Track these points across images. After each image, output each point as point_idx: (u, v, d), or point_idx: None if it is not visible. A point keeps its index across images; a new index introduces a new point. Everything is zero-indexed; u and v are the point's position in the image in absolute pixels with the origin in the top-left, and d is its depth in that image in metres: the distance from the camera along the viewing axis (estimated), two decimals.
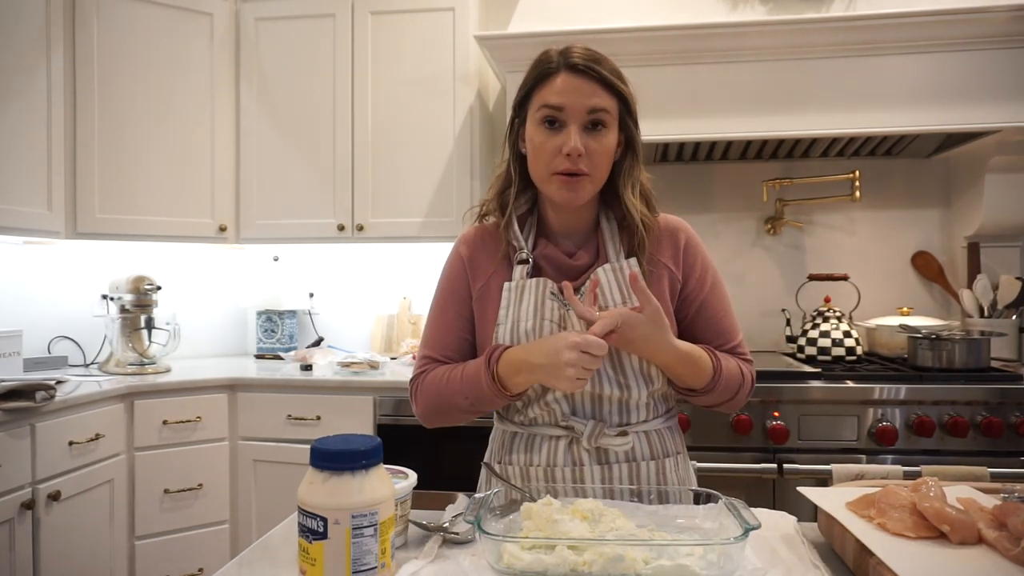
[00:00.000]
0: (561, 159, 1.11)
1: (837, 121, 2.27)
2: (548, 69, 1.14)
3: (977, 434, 1.99)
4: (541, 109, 1.13)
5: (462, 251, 1.27)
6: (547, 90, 1.13)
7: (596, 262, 1.20)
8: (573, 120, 1.11)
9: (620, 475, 1.14)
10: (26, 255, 2.69)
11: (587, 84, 1.11)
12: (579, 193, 1.14)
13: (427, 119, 2.71)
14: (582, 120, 1.11)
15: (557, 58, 1.14)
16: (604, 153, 1.14)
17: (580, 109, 1.11)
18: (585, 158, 1.11)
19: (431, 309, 1.28)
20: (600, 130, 1.13)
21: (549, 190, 1.16)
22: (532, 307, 1.16)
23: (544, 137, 1.13)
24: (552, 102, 1.11)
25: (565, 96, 1.11)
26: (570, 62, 1.12)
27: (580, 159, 1.11)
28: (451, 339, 1.24)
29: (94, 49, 2.55)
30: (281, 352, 3.02)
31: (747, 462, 2.03)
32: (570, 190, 1.13)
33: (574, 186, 1.13)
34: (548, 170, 1.14)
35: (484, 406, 1.16)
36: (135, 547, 2.34)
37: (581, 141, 1.11)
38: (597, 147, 1.12)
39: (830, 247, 2.79)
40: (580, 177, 1.12)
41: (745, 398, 1.22)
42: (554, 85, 1.12)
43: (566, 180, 1.13)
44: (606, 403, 1.15)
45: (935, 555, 0.78)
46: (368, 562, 0.77)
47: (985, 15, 2.12)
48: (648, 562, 0.79)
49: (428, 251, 2.89)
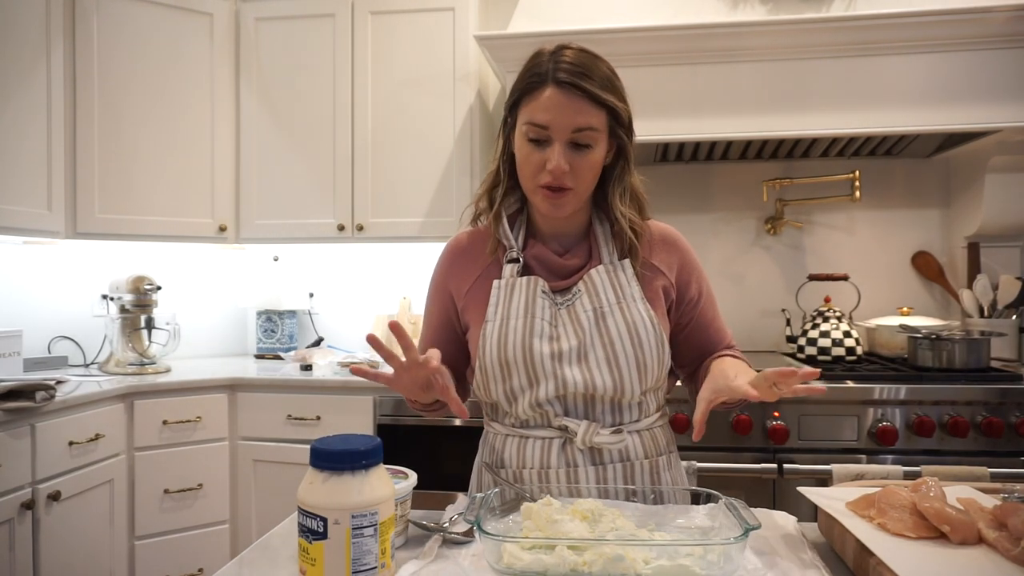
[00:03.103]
0: (545, 174, 1.11)
1: (837, 121, 2.27)
2: (535, 81, 1.11)
3: (977, 434, 1.99)
4: (527, 125, 1.11)
5: (448, 256, 1.28)
6: (533, 105, 1.10)
7: (588, 263, 1.20)
8: (558, 137, 1.09)
9: (615, 475, 1.13)
10: (26, 255, 2.69)
11: (574, 101, 1.08)
12: (563, 208, 1.14)
13: (427, 119, 2.71)
14: (566, 138, 1.10)
15: (547, 66, 1.10)
16: (589, 168, 1.13)
17: (565, 128, 1.09)
18: (569, 174, 1.10)
19: (423, 312, 1.31)
20: (585, 147, 1.11)
21: (535, 200, 1.17)
22: (523, 305, 1.16)
23: (529, 150, 1.12)
24: (537, 120, 1.10)
25: (550, 114, 1.09)
26: (557, 76, 1.09)
27: (564, 176, 1.10)
28: (436, 343, 1.25)
29: (94, 49, 2.55)
30: (281, 352, 3.02)
31: (747, 462, 2.03)
32: (554, 204, 1.14)
33: (557, 200, 1.13)
34: (533, 183, 1.14)
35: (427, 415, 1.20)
36: (135, 547, 2.34)
37: (566, 158, 1.09)
38: (582, 163, 1.11)
39: (830, 247, 2.79)
40: (564, 192, 1.12)
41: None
42: (540, 101, 1.09)
43: (549, 195, 1.12)
44: (599, 403, 1.15)
45: (935, 555, 0.78)
46: (368, 562, 0.77)
47: (985, 15, 2.12)
48: (648, 562, 0.79)
49: (428, 251, 2.89)
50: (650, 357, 1.13)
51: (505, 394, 1.15)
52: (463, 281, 1.24)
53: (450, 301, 1.25)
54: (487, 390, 1.17)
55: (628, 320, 1.13)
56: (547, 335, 1.14)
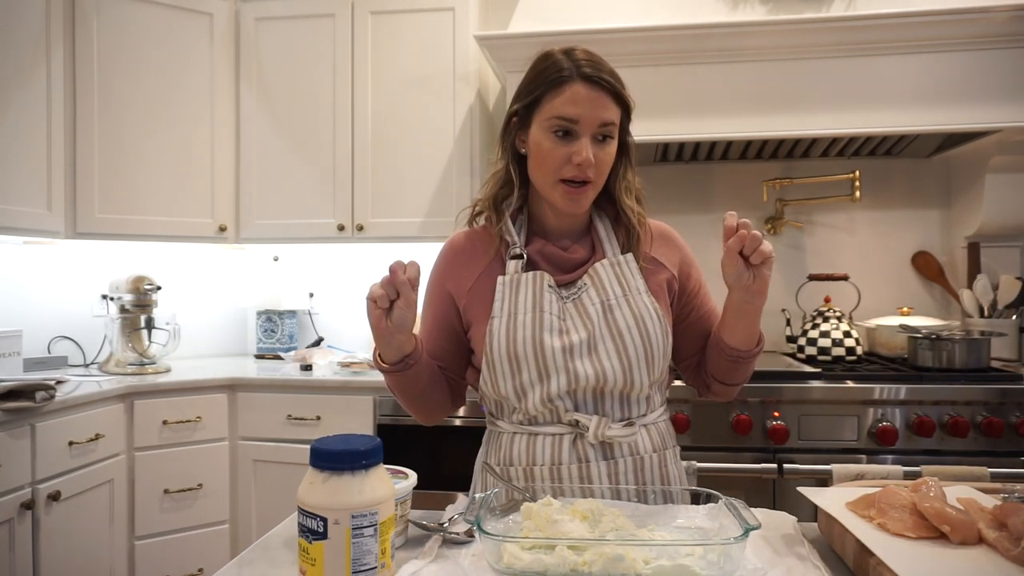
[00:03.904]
0: (570, 167, 1.13)
1: (837, 121, 2.27)
2: (561, 77, 1.13)
3: (977, 434, 1.99)
4: (553, 119, 1.13)
5: (446, 256, 1.28)
6: (560, 100, 1.12)
7: (592, 257, 1.22)
8: (585, 131, 1.12)
9: (625, 469, 1.14)
10: (26, 255, 2.69)
11: (600, 96, 1.12)
12: (582, 202, 1.17)
13: (427, 119, 2.71)
14: (593, 131, 1.13)
15: (568, 65, 1.13)
16: (609, 162, 1.17)
17: (593, 121, 1.12)
18: (593, 167, 1.13)
19: (420, 314, 1.30)
20: (607, 141, 1.15)
21: (552, 196, 1.17)
22: (530, 299, 1.17)
23: (553, 144, 1.13)
24: (568, 114, 1.12)
25: (580, 108, 1.11)
26: (583, 72, 1.12)
27: (589, 168, 1.13)
28: (434, 344, 1.25)
29: (94, 49, 2.55)
30: (281, 352, 3.02)
31: (747, 462, 2.03)
32: (574, 200, 1.16)
33: (578, 196, 1.15)
34: (555, 177, 1.15)
35: (397, 391, 1.19)
36: (135, 547, 2.34)
37: (591, 151, 1.12)
38: (603, 157, 1.15)
39: (830, 247, 2.79)
40: (585, 186, 1.14)
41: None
42: (568, 95, 1.12)
43: (570, 190, 1.14)
44: (608, 398, 1.16)
45: (935, 555, 0.78)
46: (368, 562, 0.77)
47: (985, 15, 2.12)
48: (648, 562, 0.79)
49: (428, 251, 2.87)
50: (656, 348, 1.15)
51: (515, 389, 1.15)
52: (464, 280, 1.24)
53: (449, 301, 1.25)
54: (495, 386, 1.17)
55: (635, 312, 1.15)
56: (556, 329, 1.15)
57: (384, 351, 1.13)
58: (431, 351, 1.25)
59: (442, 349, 1.25)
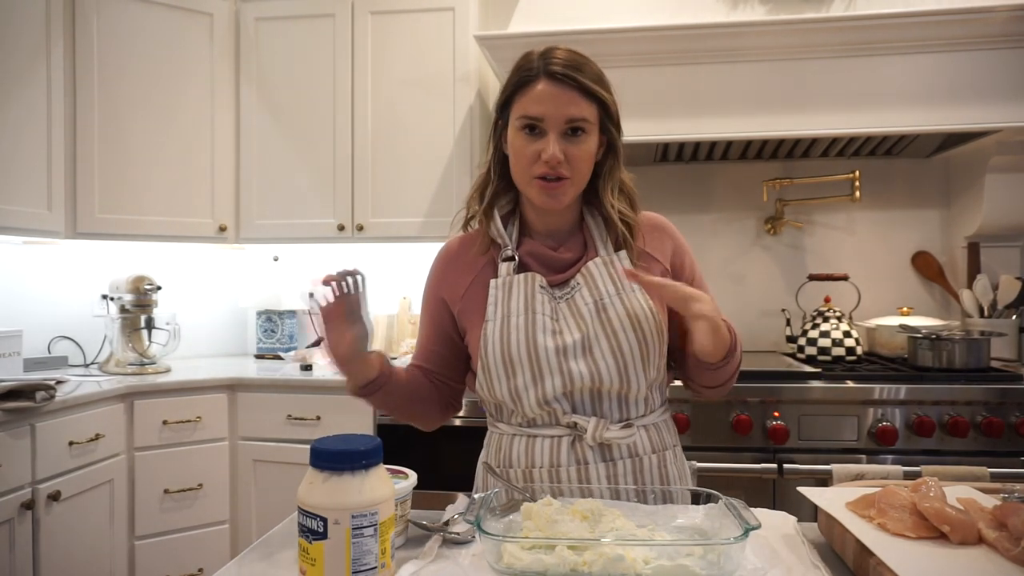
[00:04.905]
0: (540, 164, 1.12)
1: (837, 121, 2.27)
2: (527, 76, 1.14)
3: (977, 434, 1.99)
4: (522, 117, 1.13)
5: (440, 263, 1.29)
6: (527, 98, 1.13)
7: (584, 256, 1.21)
8: (552, 128, 1.12)
9: (624, 470, 1.14)
10: (26, 255, 2.69)
11: (566, 92, 1.11)
12: (560, 198, 1.15)
13: (427, 119, 2.71)
14: (561, 128, 1.12)
15: (537, 63, 1.13)
16: (584, 157, 1.15)
17: (559, 118, 1.11)
18: (565, 163, 1.12)
19: (419, 320, 1.33)
20: (580, 135, 1.13)
21: (530, 194, 1.17)
22: (523, 301, 1.16)
23: (523, 142, 1.14)
24: (531, 112, 1.12)
25: (543, 106, 1.11)
26: (549, 70, 1.12)
27: (560, 165, 1.12)
28: (432, 351, 1.27)
29: (94, 49, 2.55)
30: (281, 352, 3.02)
31: (747, 462, 2.03)
32: (550, 195, 1.15)
33: (554, 191, 1.14)
34: (528, 175, 1.14)
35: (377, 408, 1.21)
36: (135, 547, 2.34)
37: (560, 147, 1.11)
38: (577, 152, 1.13)
39: (830, 247, 2.79)
40: (561, 182, 1.13)
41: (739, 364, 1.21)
42: (533, 93, 1.12)
43: (545, 185, 1.13)
44: (606, 399, 1.15)
45: (935, 555, 0.78)
46: (368, 562, 0.77)
47: (985, 15, 2.12)
48: (648, 562, 0.79)
49: (428, 251, 2.87)
50: (652, 346, 1.14)
51: (510, 392, 1.15)
52: (457, 286, 1.24)
53: (444, 308, 1.25)
54: (491, 390, 1.17)
55: (629, 310, 1.14)
56: (550, 330, 1.14)
57: (348, 381, 1.19)
58: (429, 358, 1.26)
59: (440, 356, 1.26)
